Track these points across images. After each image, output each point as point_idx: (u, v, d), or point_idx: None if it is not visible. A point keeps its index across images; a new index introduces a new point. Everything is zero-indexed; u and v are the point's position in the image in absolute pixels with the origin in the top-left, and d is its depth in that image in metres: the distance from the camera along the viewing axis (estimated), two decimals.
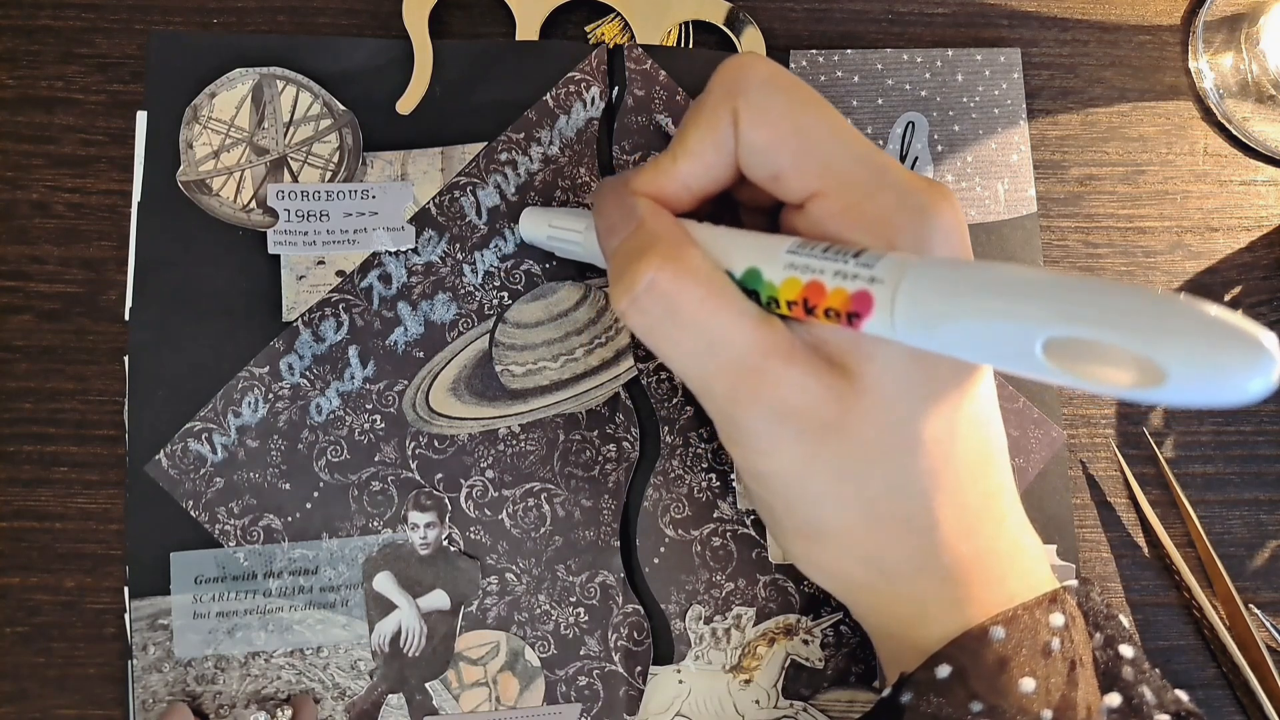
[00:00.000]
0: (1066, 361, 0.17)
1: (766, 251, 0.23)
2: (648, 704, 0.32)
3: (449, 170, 0.33)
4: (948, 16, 0.36)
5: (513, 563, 0.32)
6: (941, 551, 0.24)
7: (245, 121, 0.33)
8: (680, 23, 0.35)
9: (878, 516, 0.24)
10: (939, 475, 0.24)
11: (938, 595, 0.24)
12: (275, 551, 0.32)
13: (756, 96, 0.23)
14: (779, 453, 0.24)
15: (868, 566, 0.25)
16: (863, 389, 0.23)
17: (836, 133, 0.23)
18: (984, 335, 0.18)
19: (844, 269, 0.21)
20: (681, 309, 0.22)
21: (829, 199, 0.23)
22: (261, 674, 0.31)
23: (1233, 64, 0.37)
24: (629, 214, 0.24)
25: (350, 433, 0.32)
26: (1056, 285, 0.18)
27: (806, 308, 0.22)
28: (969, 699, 0.23)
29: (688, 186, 0.25)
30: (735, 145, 0.24)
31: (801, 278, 0.22)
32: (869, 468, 0.23)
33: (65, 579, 0.32)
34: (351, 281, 0.33)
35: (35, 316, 0.33)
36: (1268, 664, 0.33)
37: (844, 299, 0.21)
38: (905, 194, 0.23)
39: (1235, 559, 0.35)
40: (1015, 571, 0.25)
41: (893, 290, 0.20)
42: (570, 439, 0.33)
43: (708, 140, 0.24)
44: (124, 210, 0.33)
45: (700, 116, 0.24)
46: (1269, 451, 0.36)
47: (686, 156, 0.24)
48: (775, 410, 0.23)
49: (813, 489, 0.24)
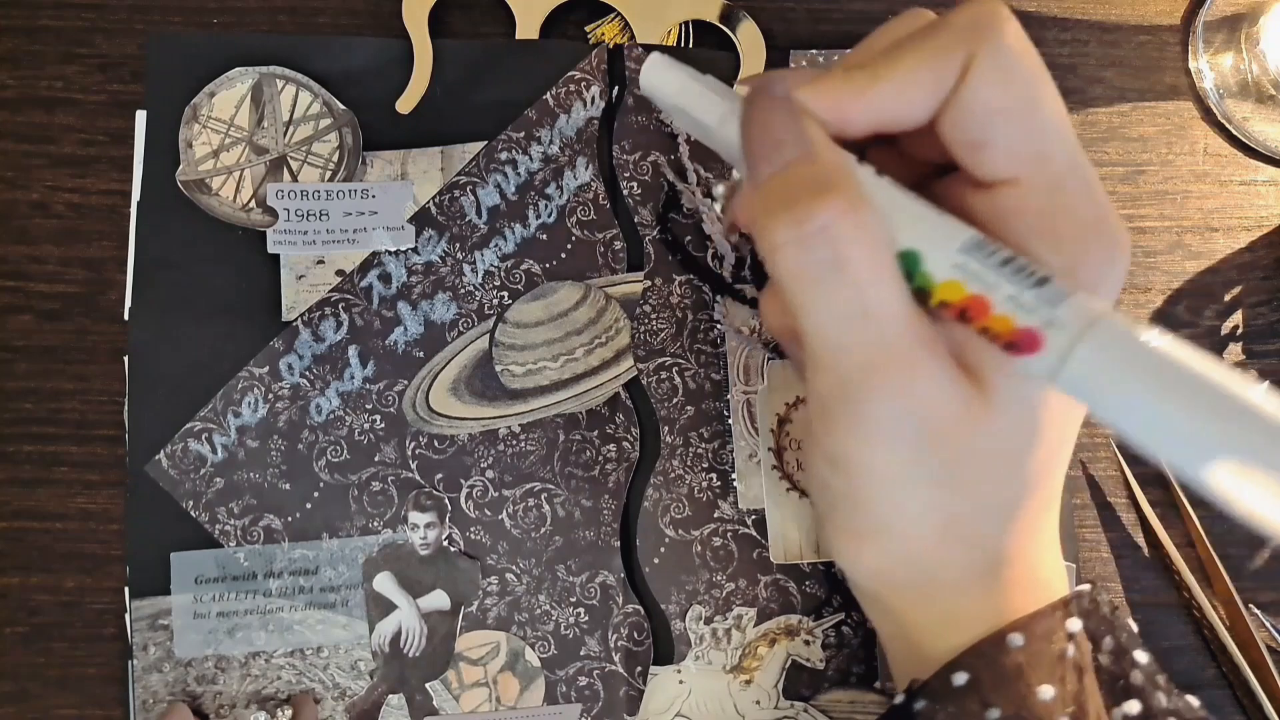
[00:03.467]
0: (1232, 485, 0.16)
1: (937, 237, 0.20)
2: (648, 704, 0.32)
3: (449, 170, 0.33)
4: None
5: (513, 563, 0.32)
6: (1001, 569, 0.23)
7: (245, 121, 0.33)
8: (680, 22, 0.35)
9: (952, 528, 0.23)
10: (1028, 500, 0.23)
11: (977, 607, 0.24)
12: (275, 552, 0.32)
13: (1004, 49, 0.20)
14: (886, 447, 0.22)
15: (917, 571, 0.24)
16: (993, 404, 0.21)
17: (1063, 122, 0.21)
18: (1154, 429, 0.17)
19: (1019, 296, 0.19)
20: (849, 262, 0.20)
21: (1028, 192, 0.21)
22: (262, 674, 0.31)
23: (1233, 64, 0.37)
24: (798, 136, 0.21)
25: (350, 433, 0.32)
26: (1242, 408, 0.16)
27: (961, 315, 0.20)
28: (985, 707, 0.22)
29: (873, 117, 0.22)
30: (952, 93, 0.21)
31: (967, 285, 0.20)
32: (970, 481, 0.22)
33: (65, 579, 0.32)
34: (351, 281, 0.33)
35: (35, 316, 0.33)
36: (1268, 664, 0.33)
37: (1009, 329, 0.19)
38: (1104, 218, 0.21)
39: (1235, 559, 0.35)
40: (1044, 582, 0.24)
41: (1070, 343, 0.18)
42: (570, 439, 0.33)
43: (925, 72, 0.21)
44: (124, 210, 0.33)
45: (925, 45, 0.21)
46: None
47: (891, 81, 0.21)
48: (903, 403, 0.21)
49: (900, 490, 0.23)
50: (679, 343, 0.33)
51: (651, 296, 0.33)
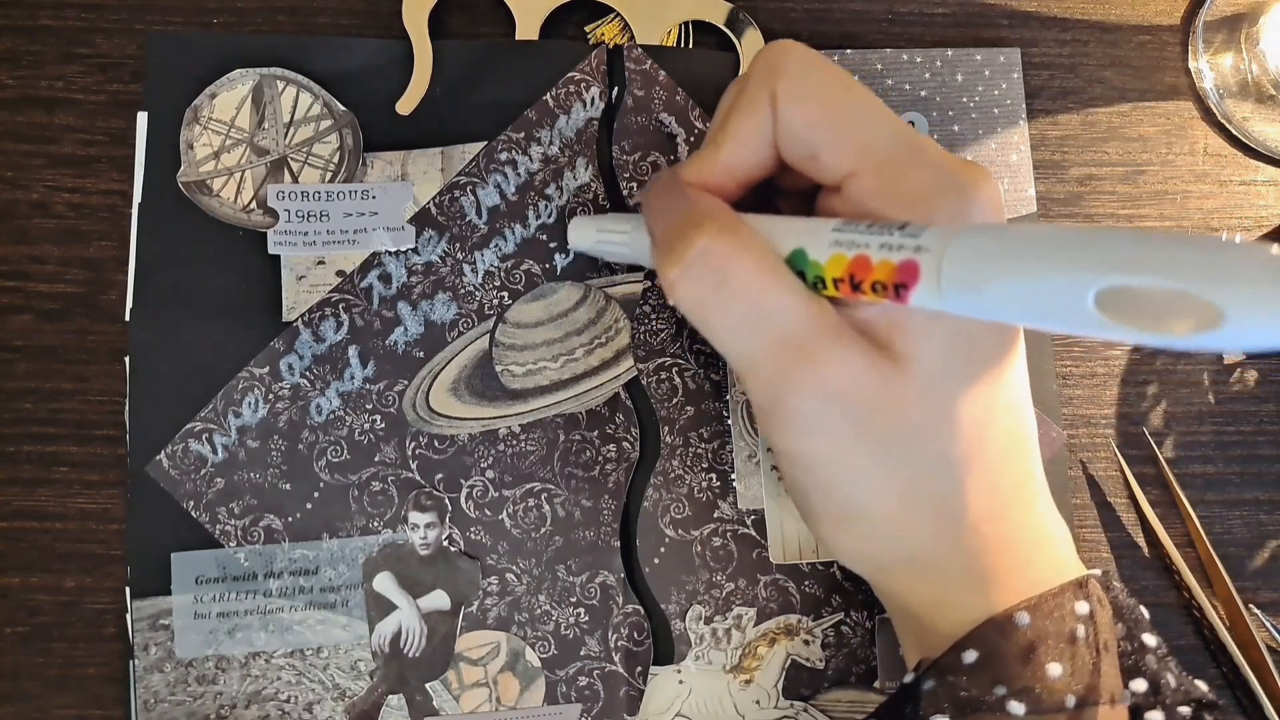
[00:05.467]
0: (1119, 314, 0.17)
1: (811, 231, 0.23)
2: (648, 704, 0.32)
3: (449, 170, 0.33)
4: (948, 16, 0.36)
5: (513, 563, 0.32)
6: (970, 534, 0.24)
7: (245, 122, 0.33)
8: (680, 23, 0.35)
9: (913, 499, 0.24)
10: (974, 458, 0.24)
11: (963, 578, 0.24)
12: (276, 552, 0.32)
13: (795, 77, 0.24)
14: (824, 434, 0.24)
15: (898, 549, 0.25)
16: (908, 371, 0.23)
17: (873, 113, 0.24)
18: (1034, 291, 0.18)
19: (889, 241, 0.21)
20: (734, 278, 0.23)
21: (866, 178, 0.23)
22: (262, 674, 0.31)
23: (1233, 64, 0.37)
24: (678, 198, 0.25)
25: (350, 433, 0.32)
26: (1105, 236, 0.18)
27: (853, 283, 0.22)
28: (993, 683, 0.23)
29: (732, 173, 0.25)
30: (774, 127, 0.24)
31: (847, 253, 0.22)
32: (910, 450, 0.23)
33: (65, 579, 0.32)
34: (351, 281, 0.33)
35: (35, 316, 0.33)
36: (1268, 664, 0.33)
37: (890, 270, 0.21)
38: (943, 173, 0.23)
39: (1235, 559, 0.35)
40: (1041, 557, 0.25)
41: (939, 256, 0.20)
42: (570, 439, 0.33)
43: (749, 124, 0.24)
44: (124, 210, 0.33)
45: (740, 101, 0.25)
46: (1269, 451, 0.36)
47: (729, 142, 0.25)
48: (824, 390, 0.23)
49: (853, 472, 0.24)
50: (679, 343, 0.33)
51: (651, 296, 0.33)
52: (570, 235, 0.32)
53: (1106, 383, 0.36)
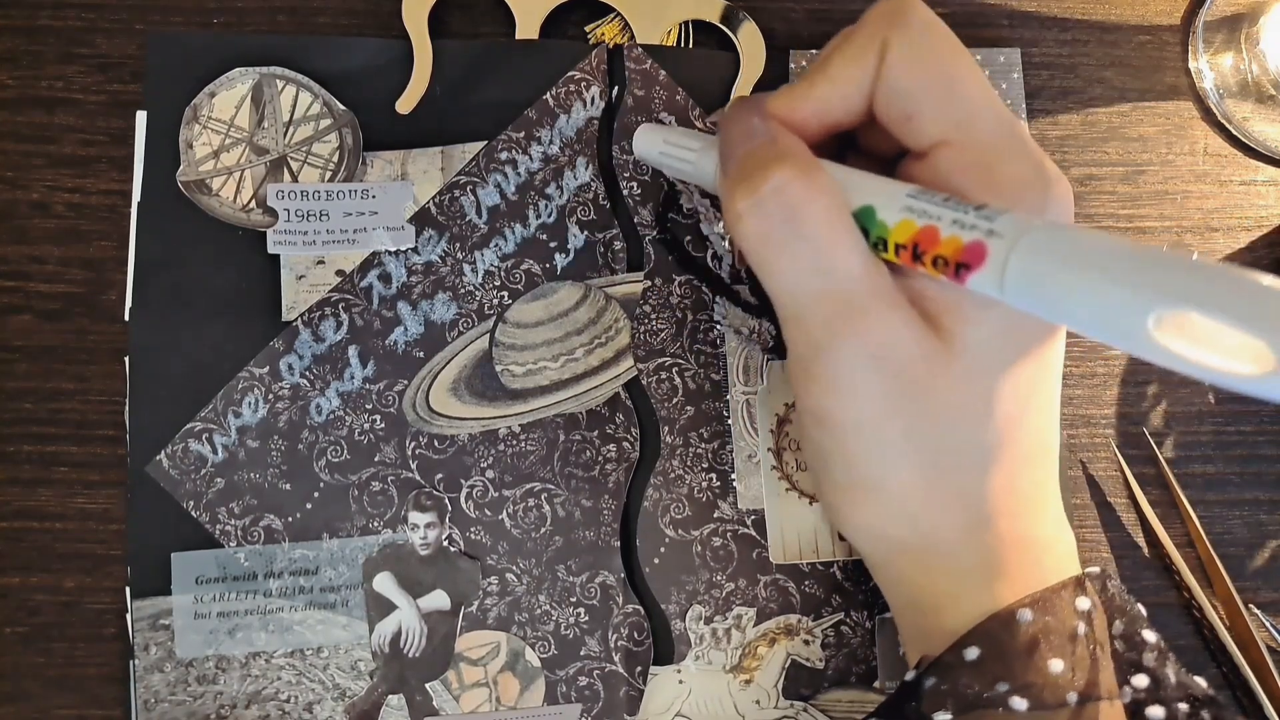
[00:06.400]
0: (1178, 341, 0.17)
1: (885, 192, 0.22)
2: (648, 704, 0.32)
3: (449, 170, 0.33)
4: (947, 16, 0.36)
5: (513, 563, 0.32)
6: (987, 526, 0.24)
7: (245, 121, 0.33)
8: (680, 22, 0.35)
9: (936, 480, 0.24)
10: (1002, 450, 0.24)
11: (973, 570, 0.24)
12: (276, 552, 0.32)
13: (913, 31, 0.23)
14: (859, 397, 0.23)
15: (912, 530, 0.24)
16: (954, 350, 0.23)
17: (982, 88, 0.23)
18: (1094, 302, 0.18)
19: (962, 218, 0.21)
20: (804, 220, 0.22)
21: (960, 151, 0.23)
22: (262, 674, 0.31)
23: (1233, 64, 0.37)
24: (759, 128, 0.24)
25: (350, 433, 0.32)
26: (1175, 261, 0.18)
27: (915, 253, 0.21)
28: (995, 680, 0.23)
29: (820, 114, 0.24)
30: (876, 79, 0.23)
31: (917, 221, 0.21)
32: (943, 429, 0.23)
33: (65, 579, 0.32)
34: (351, 281, 0.33)
35: (35, 316, 0.33)
36: (1268, 664, 0.33)
37: (957, 248, 0.21)
38: (1037, 167, 0.22)
39: (1235, 559, 0.35)
40: (1049, 560, 0.25)
41: (1009, 246, 0.20)
42: (570, 439, 0.33)
43: (851, 67, 0.24)
44: (124, 210, 0.33)
45: (848, 44, 0.24)
46: (1269, 451, 0.36)
47: (826, 81, 0.24)
48: (869, 352, 0.23)
49: (881, 441, 0.24)
50: (679, 343, 0.33)
51: (651, 296, 0.33)
52: (636, 141, 0.30)
53: (1106, 383, 0.36)
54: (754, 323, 0.34)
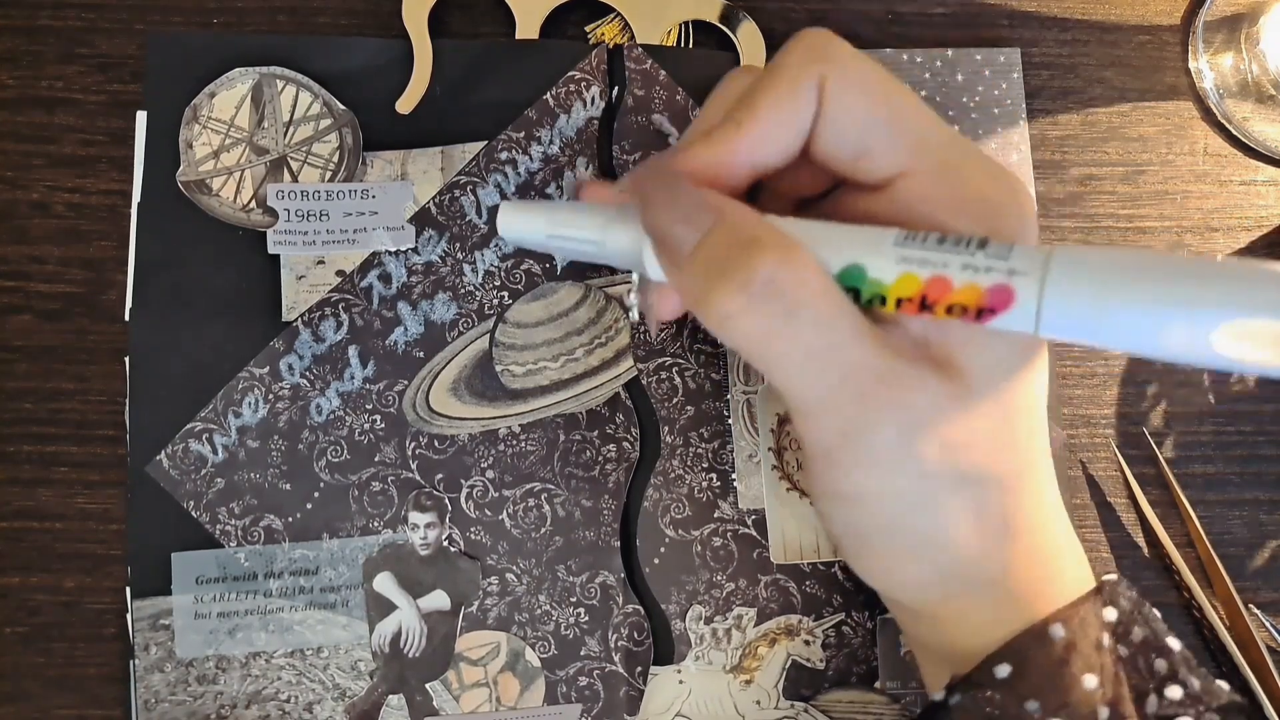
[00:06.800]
0: (1240, 348, 0.17)
1: (868, 245, 0.21)
2: (648, 704, 0.32)
3: (449, 170, 0.33)
4: (948, 16, 0.36)
5: (513, 563, 0.32)
6: (1021, 549, 0.23)
7: (245, 121, 0.33)
8: (680, 22, 0.35)
9: (984, 520, 0.23)
10: (1030, 470, 0.23)
11: (1009, 595, 0.23)
12: (276, 552, 0.32)
13: (849, 66, 0.22)
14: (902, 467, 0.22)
15: (959, 579, 0.23)
16: (973, 387, 0.21)
17: (924, 111, 0.22)
18: (1147, 325, 0.18)
19: (971, 262, 0.19)
20: (803, 306, 0.20)
21: (921, 179, 0.22)
22: (262, 674, 0.31)
23: (1233, 64, 0.37)
24: (697, 205, 0.21)
25: (350, 433, 0.32)
26: (1223, 271, 0.17)
27: (923, 304, 0.20)
28: (1024, 699, 0.22)
29: (749, 163, 0.22)
30: (817, 117, 0.22)
31: (920, 273, 0.20)
32: (981, 470, 0.22)
33: (65, 579, 0.32)
34: (351, 281, 0.33)
35: (35, 316, 0.33)
36: (1268, 664, 0.33)
37: (976, 294, 0.19)
38: (999, 177, 0.22)
39: (1235, 559, 0.35)
40: (1067, 569, 0.24)
41: (1039, 282, 0.19)
42: (570, 439, 0.33)
43: (785, 107, 0.22)
44: (124, 210, 0.33)
45: (775, 83, 0.22)
46: (1269, 451, 0.36)
47: (755, 123, 0.22)
48: (908, 419, 0.21)
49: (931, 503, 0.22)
50: (679, 343, 0.33)
51: None
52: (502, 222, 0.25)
53: (1106, 383, 0.36)
54: None
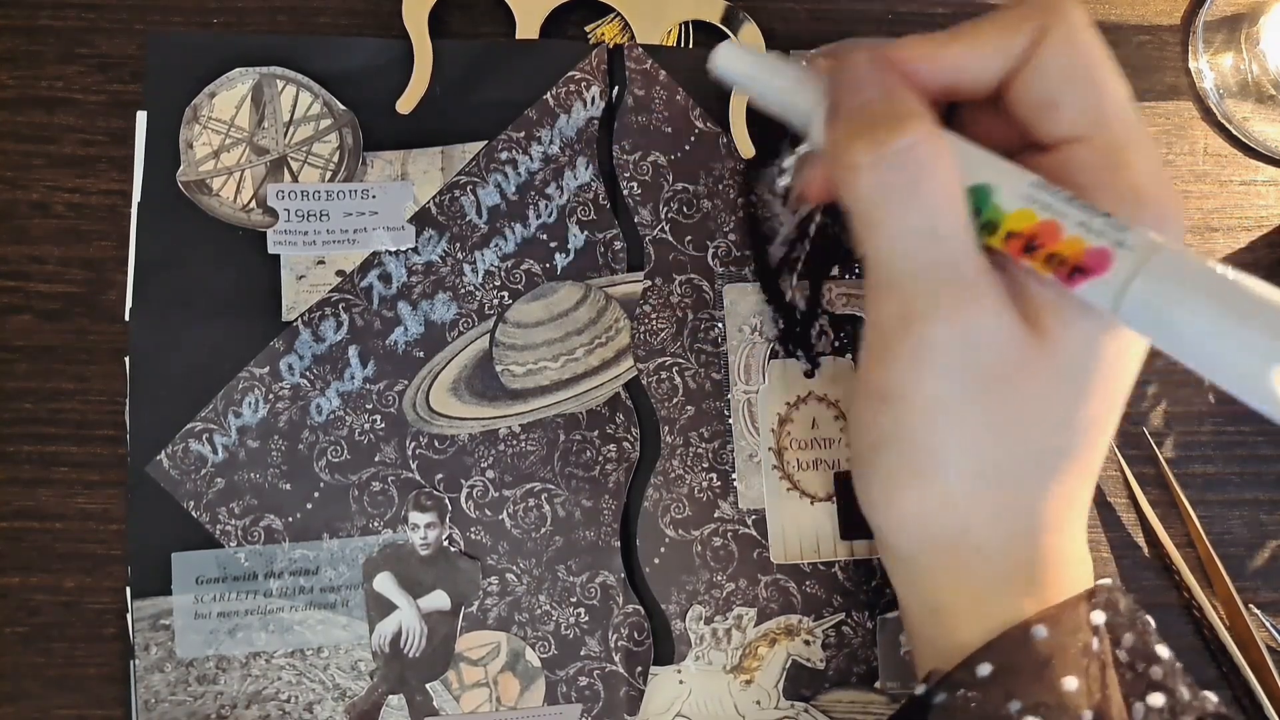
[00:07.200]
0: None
1: (1007, 175, 0.22)
2: (648, 704, 0.32)
3: (449, 170, 0.33)
4: (948, 16, 0.36)
5: (513, 563, 0.32)
6: (1033, 538, 0.23)
7: (245, 121, 0.33)
8: (680, 22, 0.35)
9: (998, 480, 0.23)
10: (1071, 461, 0.23)
11: (1005, 577, 0.24)
12: (276, 552, 0.32)
13: (1074, 23, 0.23)
14: (943, 377, 0.22)
15: (953, 527, 0.24)
16: (1048, 353, 0.22)
17: (1125, 93, 0.23)
18: (1211, 343, 0.18)
19: (1089, 221, 0.20)
20: (926, 185, 0.21)
21: (1092, 149, 0.22)
22: (262, 674, 0.31)
23: (1233, 64, 0.37)
24: (881, 79, 0.23)
25: (350, 433, 0.32)
26: None
27: (1028, 245, 0.21)
28: (1007, 698, 0.22)
29: (951, 72, 0.24)
30: (1026, 56, 0.23)
31: (1038, 213, 0.21)
32: (1020, 429, 0.23)
33: (65, 579, 0.32)
34: (351, 281, 0.33)
35: (35, 316, 0.33)
36: (1268, 664, 0.33)
37: (1078, 250, 0.20)
38: (1160, 179, 0.22)
39: (1235, 559, 0.35)
40: (1077, 575, 0.24)
41: (1138, 262, 0.19)
42: (570, 439, 0.33)
43: (1003, 36, 0.23)
44: (124, 210, 0.33)
45: (1002, 16, 0.23)
46: (1269, 451, 0.36)
47: (970, 40, 0.23)
48: (965, 331, 0.22)
49: (953, 428, 0.23)
50: (679, 342, 0.33)
51: (651, 296, 0.33)
52: (719, 56, 0.26)
53: None
54: (755, 319, 0.34)
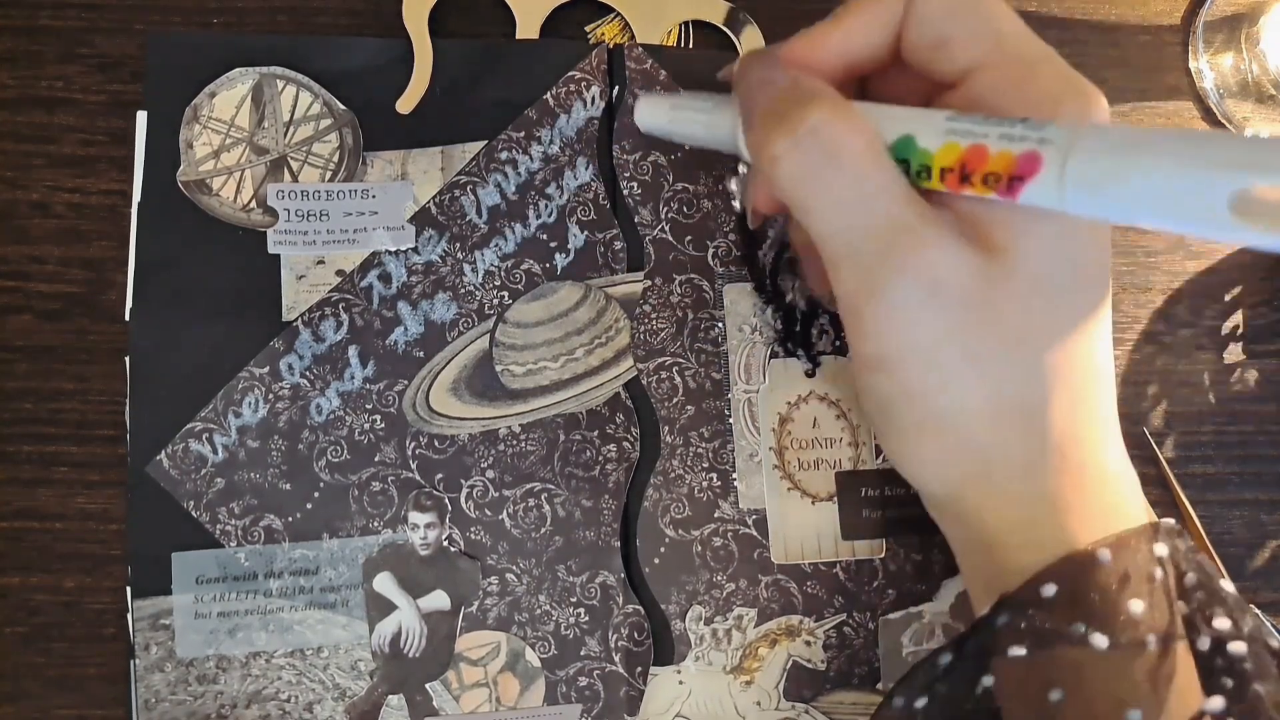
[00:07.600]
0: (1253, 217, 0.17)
1: (922, 120, 0.23)
2: (648, 705, 0.32)
3: (449, 169, 0.33)
4: None
5: (513, 563, 0.32)
6: (1053, 452, 0.24)
7: (245, 121, 0.33)
8: (680, 22, 0.35)
9: (1002, 404, 0.23)
10: (1064, 371, 0.23)
11: (1041, 499, 0.24)
12: (276, 552, 0.32)
13: None
14: (919, 327, 0.23)
15: (978, 461, 0.24)
16: (1010, 268, 0.22)
17: (1010, 13, 0.24)
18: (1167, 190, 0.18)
19: (1009, 132, 0.21)
20: (843, 154, 0.22)
21: (994, 72, 0.23)
22: (262, 674, 0.31)
23: (1233, 64, 0.37)
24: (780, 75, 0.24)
25: (350, 433, 0.32)
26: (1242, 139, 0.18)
27: (963, 174, 0.22)
28: (1073, 619, 0.22)
29: (844, 53, 0.25)
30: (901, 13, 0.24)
31: (962, 142, 0.21)
32: (1004, 351, 0.23)
33: (65, 579, 0.32)
34: (351, 281, 0.33)
35: (35, 316, 0.33)
36: None
37: (1009, 161, 0.21)
38: (1071, 78, 0.23)
39: (1235, 559, 0.35)
40: (1115, 497, 0.24)
41: (1065, 150, 0.20)
42: (570, 439, 0.33)
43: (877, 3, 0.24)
44: (124, 210, 0.33)
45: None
46: (1269, 451, 0.36)
47: (852, 16, 0.24)
48: (926, 276, 0.22)
49: (943, 371, 0.23)
50: (679, 342, 0.33)
51: (651, 296, 0.33)
52: (639, 112, 0.30)
53: None
54: (755, 319, 0.34)
